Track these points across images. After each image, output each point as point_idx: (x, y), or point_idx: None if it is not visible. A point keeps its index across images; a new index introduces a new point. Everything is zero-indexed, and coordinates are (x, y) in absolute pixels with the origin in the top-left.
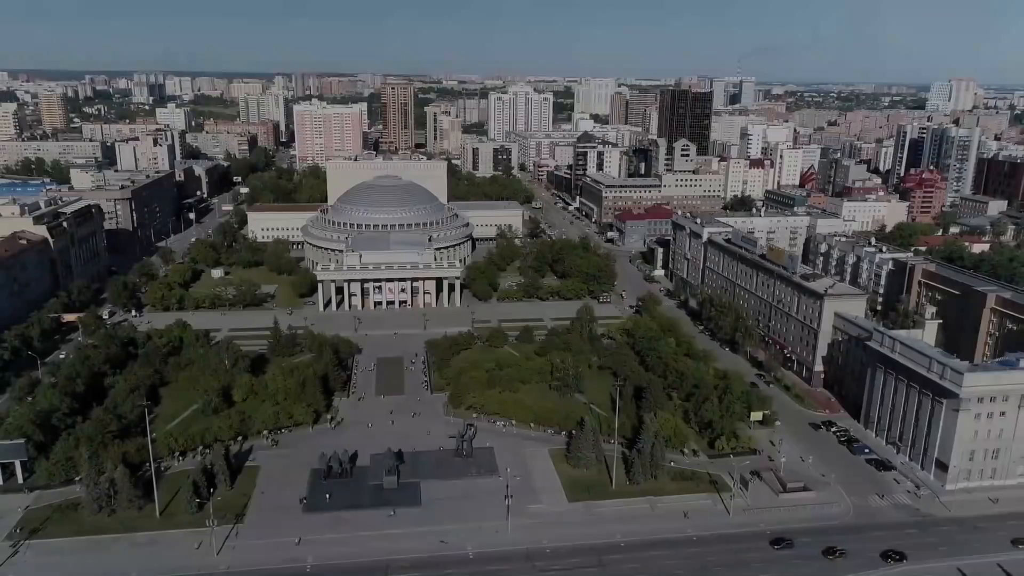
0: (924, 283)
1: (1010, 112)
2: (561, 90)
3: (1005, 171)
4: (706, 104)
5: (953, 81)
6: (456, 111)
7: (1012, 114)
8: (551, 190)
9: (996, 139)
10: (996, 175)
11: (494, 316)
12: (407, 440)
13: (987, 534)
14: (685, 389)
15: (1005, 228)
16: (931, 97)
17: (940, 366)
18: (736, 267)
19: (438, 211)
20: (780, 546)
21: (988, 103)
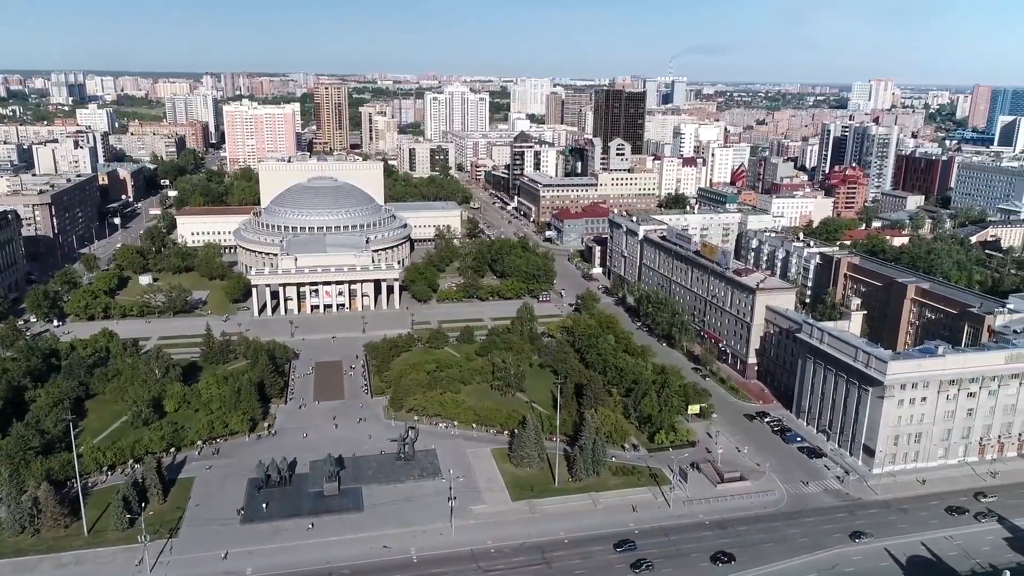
0: (849, 276)
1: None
2: (497, 90)
3: (922, 167)
4: (640, 104)
5: (872, 81)
6: (392, 111)
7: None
8: (489, 190)
9: (913, 137)
10: (914, 171)
11: (434, 317)
12: (347, 445)
13: (912, 515)
14: (624, 385)
15: (923, 222)
16: (852, 97)
17: (865, 355)
18: (671, 264)
19: (375, 212)
20: (623, 548)
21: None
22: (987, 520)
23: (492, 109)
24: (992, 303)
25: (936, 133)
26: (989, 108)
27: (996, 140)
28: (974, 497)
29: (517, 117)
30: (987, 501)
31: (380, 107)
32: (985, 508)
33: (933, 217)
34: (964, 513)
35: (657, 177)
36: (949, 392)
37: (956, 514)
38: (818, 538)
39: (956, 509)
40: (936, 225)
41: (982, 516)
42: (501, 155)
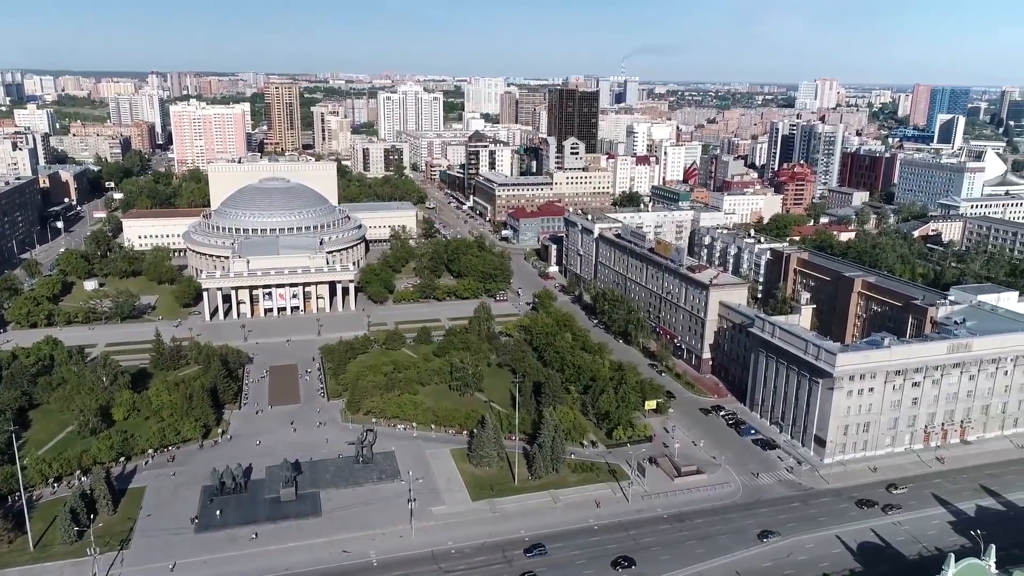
0: (799, 271)
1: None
2: (451, 89)
3: (866, 164)
4: (593, 103)
5: (818, 81)
6: (344, 111)
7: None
8: (444, 190)
9: (858, 135)
10: (859, 168)
11: (390, 318)
12: (304, 449)
13: (898, 496)
14: (582, 382)
15: (868, 217)
16: (799, 96)
17: (815, 348)
18: (627, 261)
19: (329, 213)
20: (532, 554)
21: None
22: (894, 512)
23: (446, 109)
24: (934, 295)
25: (879, 131)
26: (928, 107)
27: (936, 137)
28: (886, 489)
29: (471, 117)
30: (897, 493)
31: (333, 107)
32: (894, 501)
33: (878, 212)
34: (873, 506)
35: (611, 176)
36: (895, 382)
37: (866, 507)
38: (773, 527)
39: (865, 502)
40: (880, 220)
41: (890, 509)
42: (456, 155)
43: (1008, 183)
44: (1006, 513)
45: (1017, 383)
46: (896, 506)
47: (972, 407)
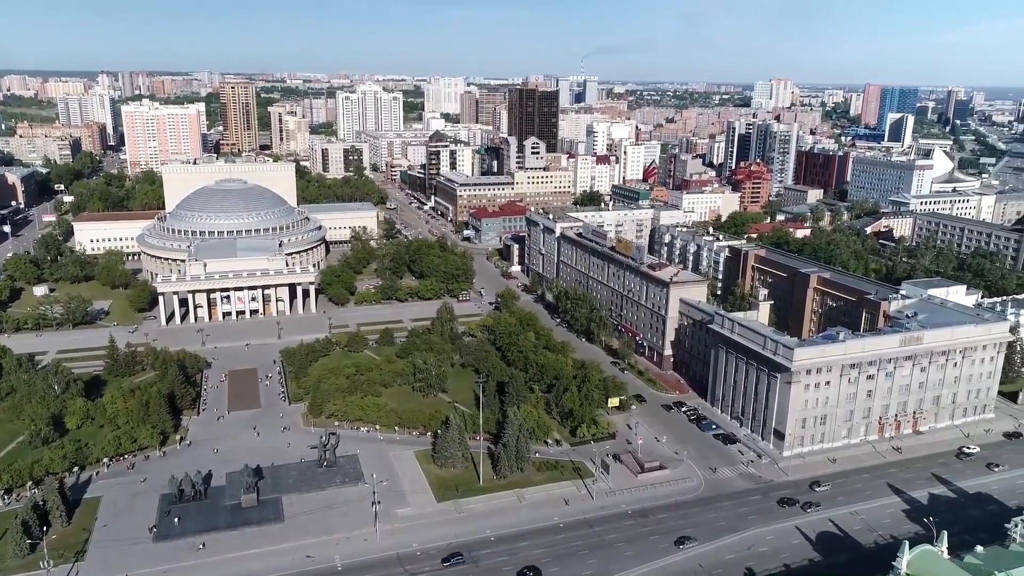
0: (756, 267)
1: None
2: (411, 89)
3: (820, 163)
4: (553, 103)
5: (772, 81)
6: (302, 111)
7: (824, 110)
8: (405, 190)
9: (812, 133)
10: (813, 166)
11: (352, 320)
12: (265, 454)
13: (821, 492)
14: (546, 381)
15: (822, 214)
16: (755, 95)
17: (773, 343)
18: (588, 260)
19: (288, 215)
20: (449, 563)
21: (803, 101)
22: (812, 511)
23: (406, 108)
24: (887, 290)
25: (832, 130)
26: (879, 106)
27: (886, 136)
28: (809, 487)
29: (432, 116)
30: (820, 490)
31: (290, 107)
32: (815, 499)
33: (832, 210)
34: (795, 504)
35: (572, 175)
36: (850, 375)
37: (787, 505)
38: (734, 521)
39: (787, 500)
40: (835, 217)
41: (809, 506)
42: (417, 155)
43: (955, 180)
44: (957, 500)
45: (965, 374)
46: (816, 504)
47: (924, 398)
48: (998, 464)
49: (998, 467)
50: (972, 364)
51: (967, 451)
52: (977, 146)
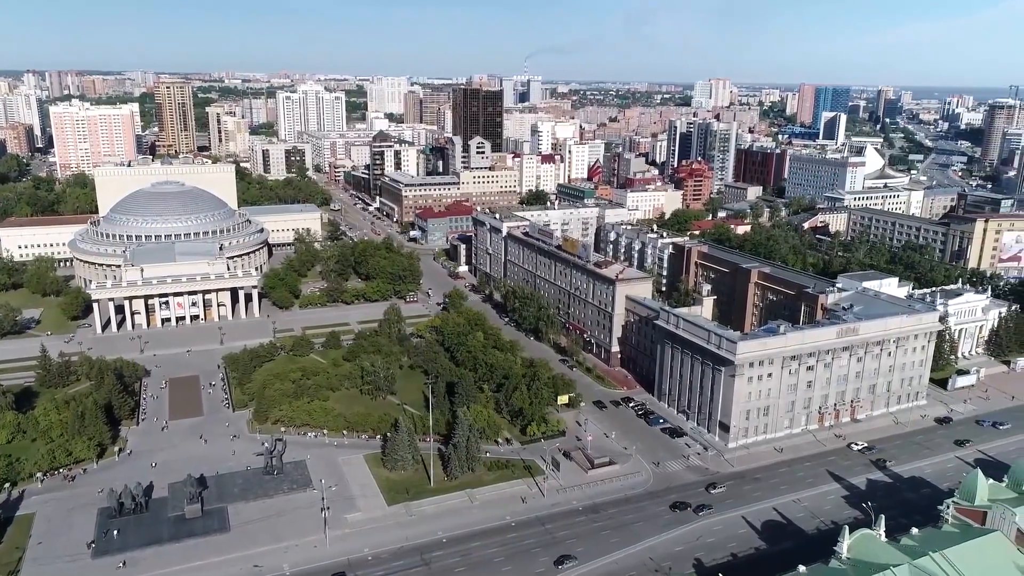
0: (699, 264)
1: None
2: (353, 89)
3: (759, 160)
4: (497, 102)
5: (712, 81)
6: (242, 111)
7: (761, 109)
8: (349, 191)
9: (750, 132)
10: (752, 164)
11: (297, 324)
12: (209, 463)
13: (763, 483)
14: (495, 380)
15: (762, 210)
16: (695, 95)
17: (717, 338)
18: (535, 259)
19: (228, 217)
20: None
21: (742, 100)
22: (705, 513)
23: (349, 108)
24: (824, 283)
25: (770, 128)
26: (814, 105)
27: (821, 134)
28: (705, 489)
29: (375, 116)
30: (716, 492)
31: (229, 107)
32: (708, 501)
33: (770, 206)
34: (686, 508)
35: (518, 174)
36: (791, 367)
37: (678, 510)
38: (683, 513)
39: (679, 504)
40: (773, 213)
41: (701, 509)
42: (360, 155)
43: (886, 176)
44: (893, 484)
45: (899, 363)
46: (708, 506)
47: (860, 387)
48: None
49: (928, 449)
50: (905, 353)
51: (855, 447)
52: (906, 143)
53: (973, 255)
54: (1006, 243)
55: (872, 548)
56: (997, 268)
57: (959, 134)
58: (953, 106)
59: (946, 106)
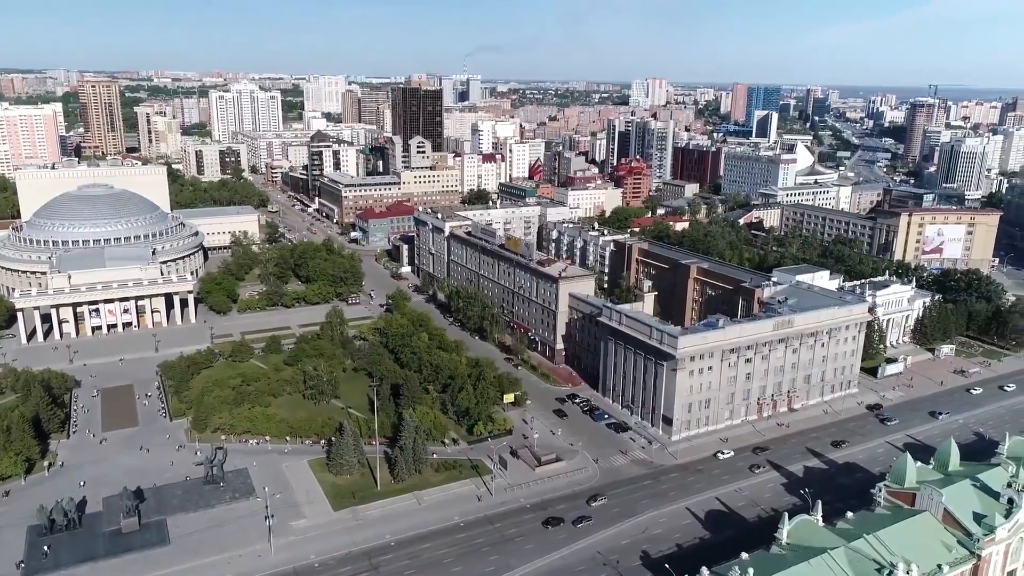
0: (640, 260)
1: (695, 106)
2: (289, 88)
3: (695, 158)
4: (437, 101)
5: (648, 80)
6: (173, 111)
7: (696, 108)
8: (287, 192)
9: (687, 130)
10: (689, 161)
11: (236, 329)
12: (146, 475)
13: (706, 473)
14: (441, 381)
15: (699, 207)
16: (632, 94)
17: (659, 333)
18: (479, 258)
19: (160, 221)
20: None
21: (678, 99)
22: (584, 525)
23: (285, 108)
24: (760, 278)
25: (705, 127)
26: (747, 104)
27: (754, 132)
28: (586, 502)
29: (312, 116)
30: (596, 505)
31: (159, 107)
32: (587, 513)
33: (707, 203)
34: (560, 523)
35: (459, 174)
36: (730, 360)
37: (551, 525)
38: (629, 506)
39: (552, 520)
40: (710, 210)
41: (580, 521)
42: (298, 155)
43: (816, 173)
44: (828, 471)
45: (832, 353)
46: (588, 518)
47: (796, 378)
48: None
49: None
50: (837, 344)
51: (721, 455)
52: (834, 141)
53: (898, 248)
54: (928, 236)
55: (810, 533)
56: (921, 260)
57: (883, 132)
58: (877, 105)
59: (871, 105)
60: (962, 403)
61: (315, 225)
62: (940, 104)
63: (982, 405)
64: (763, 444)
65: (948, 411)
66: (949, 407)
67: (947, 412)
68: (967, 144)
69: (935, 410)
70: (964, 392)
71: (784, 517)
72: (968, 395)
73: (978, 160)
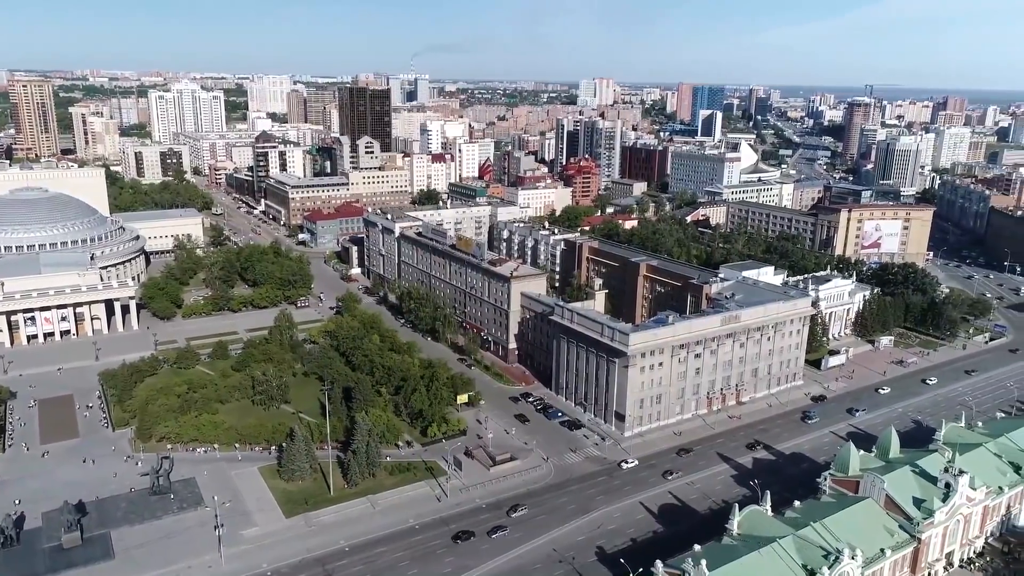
0: (591, 259)
1: (642, 106)
2: (232, 88)
3: (643, 157)
4: (385, 101)
5: (596, 80)
6: (110, 111)
7: (643, 108)
8: (232, 194)
9: (634, 130)
10: (637, 160)
11: (181, 335)
12: (89, 488)
13: (659, 468)
14: (393, 383)
15: (647, 205)
16: (580, 93)
17: (610, 330)
18: (430, 259)
19: (99, 225)
20: None
21: (625, 98)
22: (499, 536)
23: (229, 108)
24: (707, 274)
25: (652, 126)
26: (692, 103)
27: (699, 131)
28: (507, 513)
29: (257, 116)
30: (516, 516)
31: (96, 107)
32: (506, 524)
33: (655, 201)
34: (469, 538)
35: (408, 174)
36: (680, 355)
37: (461, 541)
38: (583, 503)
39: (462, 534)
40: (658, 208)
41: (496, 532)
42: (243, 156)
43: (760, 171)
44: (776, 462)
45: (777, 346)
46: (503, 528)
47: (744, 371)
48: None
49: (813, 420)
50: (783, 337)
51: (625, 464)
52: (776, 139)
53: (839, 243)
54: (867, 231)
55: (760, 523)
56: (860, 254)
57: (823, 130)
58: (817, 104)
59: (811, 104)
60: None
61: (262, 227)
62: (876, 103)
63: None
64: (713, 436)
65: (865, 408)
66: (868, 402)
67: (864, 409)
68: (901, 142)
69: (852, 407)
70: (875, 393)
71: (735, 508)
72: (878, 395)
73: (912, 157)
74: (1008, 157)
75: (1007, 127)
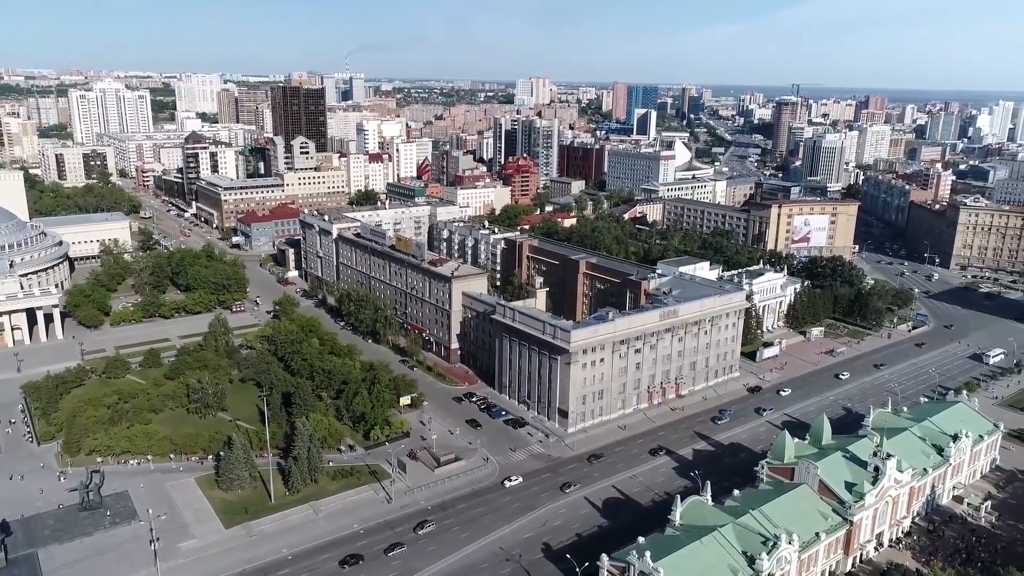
0: (531, 257)
1: (578, 105)
2: (159, 87)
3: (580, 156)
4: (320, 101)
5: (532, 79)
6: (28, 111)
7: (579, 107)
8: (162, 197)
9: (571, 129)
10: (574, 159)
11: (109, 344)
12: (12, 506)
13: (603, 462)
14: (334, 387)
15: (586, 203)
16: (517, 93)
17: (551, 328)
18: (369, 260)
19: (18, 230)
20: None
21: (561, 98)
22: (398, 552)
23: (156, 108)
24: (645, 270)
25: (588, 125)
26: (627, 102)
27: (635, 130)
28: (413, 530)
29: (186, 116)
30: (423, 532)
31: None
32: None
33: (593, 199)
34: (358, 562)
35: (345, 174)
36: (621, 351)
37: (348, 565)
38: (529, 500)
39: (351, 559)
40: (596, 206)
41: (393, 549)
42: (172, 158)
43: (694, 168)
44: (715, 453)
45: (715, 340)
46: (400, 544)
47: (683, 365)
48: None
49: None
50: (719, 331)
51: (510, 482)
52: (708, 137)
53: (771, 238)
54: (797, 226)
55: (701, 513)
56: (791, 249)
57: (753, 128)
58: (747, 103)
59: (741, 103)
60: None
61: (193, 231)
62: (802, 102)
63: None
64: (655, 429)
65: (772, 407)
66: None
67: (771, 408)
68: (827, 140)
69: (760, 406)
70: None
71: (676, 500)
72: (813, 383)
73: (837, 154)
74: (926, 153)
75: (924, 125)
